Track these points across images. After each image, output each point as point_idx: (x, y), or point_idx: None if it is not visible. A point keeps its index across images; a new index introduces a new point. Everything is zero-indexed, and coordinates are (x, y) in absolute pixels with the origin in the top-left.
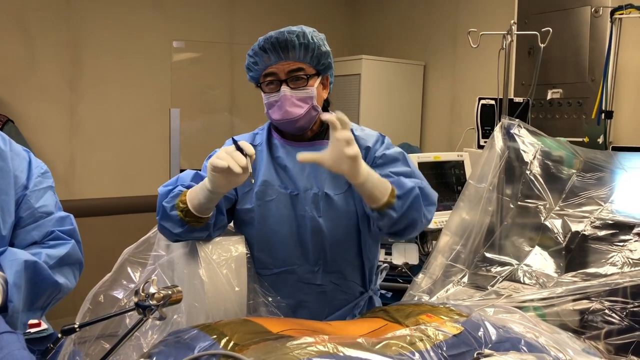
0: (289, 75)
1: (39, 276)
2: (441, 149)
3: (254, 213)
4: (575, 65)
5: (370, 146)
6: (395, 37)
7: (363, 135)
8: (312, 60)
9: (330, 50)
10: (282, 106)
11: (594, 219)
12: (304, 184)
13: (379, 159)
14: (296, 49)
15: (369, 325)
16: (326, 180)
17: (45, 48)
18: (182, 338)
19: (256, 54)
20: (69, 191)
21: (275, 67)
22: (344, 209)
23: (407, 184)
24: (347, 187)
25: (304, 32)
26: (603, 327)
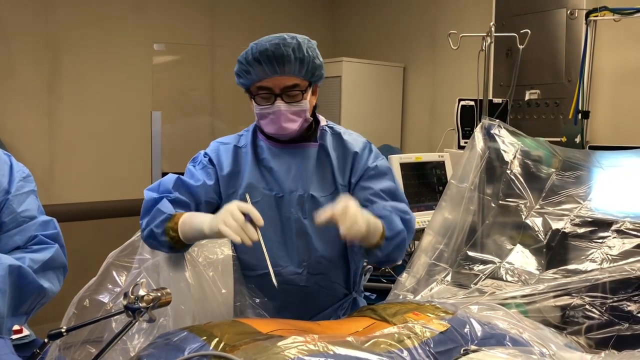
0: (284, 90)
1: (24, 281)
2: (421, 150)
3: None
4: (552, 67)
5: (358, 152)
6: (375, 40)
7: (351, 139)
8: (306, 74)
9: (322, 61)
10: (277, 121)
11: (574, 217)
12: (290, 186)
13: (372, 170)
14: (292, 63)
15: (357, 324)
16: (312, 182)
17: (22, 49)
18: (171, 340)
19: (249, 64)
20: (49, 195)
21: (270, 82)
22: None
23: (397, 225)
24: (333, 190)
25: (299, 45)
26: (584, 323)
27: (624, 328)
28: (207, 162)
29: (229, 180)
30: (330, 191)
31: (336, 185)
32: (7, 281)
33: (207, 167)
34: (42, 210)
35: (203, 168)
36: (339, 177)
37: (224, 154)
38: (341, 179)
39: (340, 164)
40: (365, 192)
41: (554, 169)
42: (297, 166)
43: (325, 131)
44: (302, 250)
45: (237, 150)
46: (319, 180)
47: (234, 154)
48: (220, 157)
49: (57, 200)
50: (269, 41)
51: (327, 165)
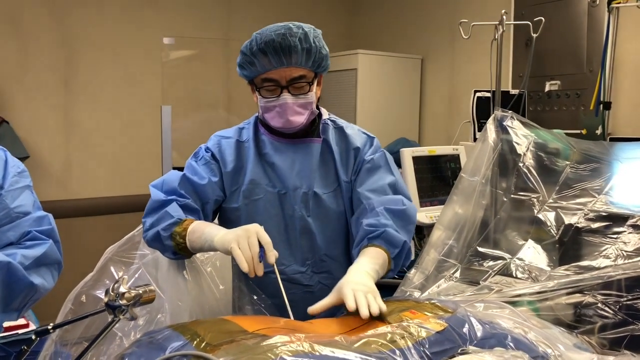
0: (290, 82)
1: (13, 277)
2: (440, 143)
3: (240, 212)
4: (573, 57)
5: (360, 147)
6: (392, 31)
7: (353, 134)
8: (313, 65)
9: (328, 51)
10: (284, 114)
11: (588, 211)
12: (293, 183)
13: (367, 163)
14: (299, 54)
15: (351, 322)
16: (315, 179)
17: (38, 48)
18: (155, 338)
19: (254, 55)
20: (66, 191)
21: (275, 73)
22: (333, 209)
23: (398, 239)
24: (335, 186)
25: (305, 34)
26: (596, 322)
27: (638, 328)
28: (209, 158)
29: (233, 176)
30: (333, 187)
31: (339, 181)
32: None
33: (210, 162)
34: (39, 206)
35: (206, 164)
36: (342, 173)
37: (227, 149)
38: (344, 175)
39: (343, 160)
40: (360, 187)
41: (570, 162)
42: (301, 162)
43: (327, 125)
44: (306, 248)
45: (239, 144)
46: (322, 176)
47: (237, 149)
48: (224, 153)
49: (74, 195)
50: (274, 31)
51: (329, 160)
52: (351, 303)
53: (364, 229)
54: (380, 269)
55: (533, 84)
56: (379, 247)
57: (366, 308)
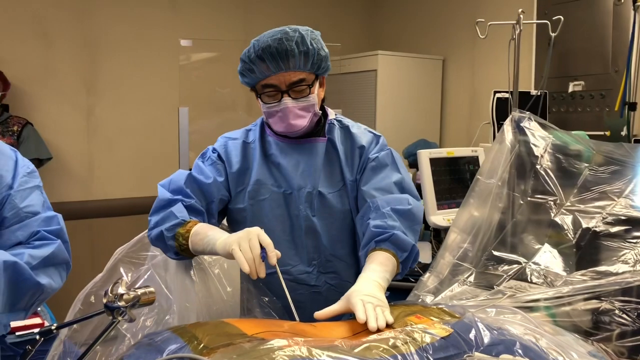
0: (290, 86)
1: (20, 277)
2: (461, 145)
3: (246, 212)
4: (598, 57)
5: (365, 146)
6: (412, 31)
7: (359, 133)
8: (312, 67)
9: (328, 52)
10: (285, 118)
11: (606, 215)
12: (298, 183)
13: (372, 161)
14: (296, 58)
15: (354, 326)
16: (320, 179)
17: (62, 50)
18: (154, 340)
19: (252, 62)
20: (88, 192)
21: (275, 79)
22: (338, 208)
23: (406, 242)
24: (341, 186)
25: (302, 37)
26: (614, 329)
27: None
28: (216, 158)
29: (239, 177)
30: (338, 187)
31: (344, 180)
32: (2, 277)
33: (216, 163)
34: (49, 206)
35: (212, 164)
36: (347, 172)
37: (233, 150)
38: (349, 174)
39: (348, 159)
40: (365, 186)
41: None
42: (305, 162)
43: (333, 125)
44: (312, 248)
45: (245, 146)
46: (327, 175)
47: (242, 150)
48: (229, 154)
49: (97, 196)
50: (270, 36)
51: (334, 160)
52: (361, 315)
53: (371, 230)
54: (390, 276)
55: (556, 84)
56: (387, 252)
57: (375, 321)
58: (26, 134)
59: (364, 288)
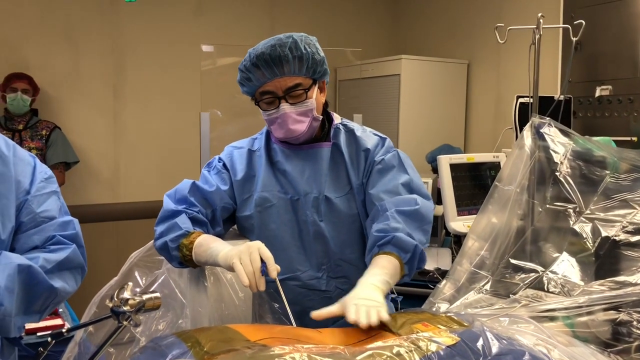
0: (286, 92)
1: (34, 280)
2: (486, 150)
3: (253, 220)
4: (626, 60)
5: (370, 149)
6: (436, 35)
7: (364, 136)
8: (307, 72)
9: (324, 56)
10: (284, 124)
11: (627, 224)
12: (304, 188)
13: (378, 164)
14: (290, 63)
15: (359, 334)
16: (326, 184)
17: (89, 56)
18: (158, 345)
19: (248, 70)
20: (115, 195)
21: (271, 85)
22: (346, 213)
23: (409, 243)
24: (348, 190)
25: (295, 43)
26: (632, 340)
27: None
28: (221, 167)
29: (244, 184)
30: (345, 191)
31: (351, 184)
32: (16, 280)
33: (221, 172)
34: (66, 211)
35: (217, 173)
36: (353, 176)
37: (238, 159)
38: (355, 177)
39: (354, 162)
40: (373, 189)
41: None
42: (311, 168)
43: (338, 129)
44: (321, 253)
45: (251, 154)
46: (333, 180)
47: (247, 158)
48: (234, 162)
49: (123, 199)
50: (264, 44)
51: (340, 164)
52: (351, 315)
53: (373, 235)
54: (391, 279)
55: (583, 89)
56: (390, 255)
57: (365, 318)
58: (54, 138)
59: (360, 292)
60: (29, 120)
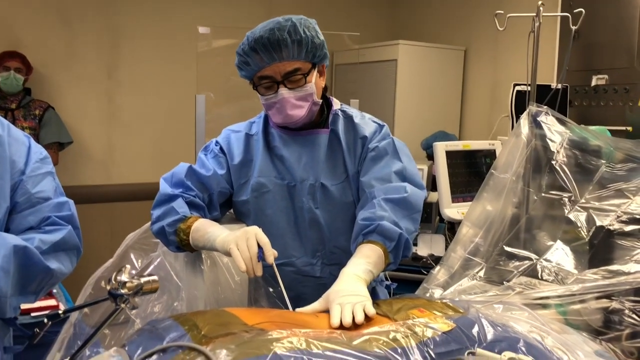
0: (285, 77)
1: (29, 261)
2: (481, 137)
3: (249, 205)
4: (623, 50)
5: (368, 136)
6: (434, 21)
7: (362, 123)
8: (307, 56)
9: (324, 40)
10: (283, 109)
11: (621, 213)
12: (301, 175)
13: (372, 151)
14: (289, 47)
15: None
16: (323, 171)
17: (84, 36)
18: (156, 328)
19: (247, 54)
20: (108, 176)
21: (270, 70)
22: (341, 200)
23: (393, 232)
24: (344, 178)
25: (294, 26)
26: (623, 329)
27: None
28: (218, 151)
29: (241, 169)
30: (341, 179)
31: (347, 172)
32: (12, 261)
33: (218, 156)
34: (62, 192)
35: (214, 157)
36: (350, 163)
37: (235, 143)
38: (352, 165)
39: (351, 150)
40: (365, 176)
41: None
42: (308, 154)
43: (337, 115)
44: (316, 240)
45: (248, 138)
46: (330, 167)
47: (245, 143)
48: (231, 146)
49: (116, 180)
50: (262, 28)
51: (338, 151)
52: (335, 320)
53: (359, 224)
54: (375, 268)
55: (579, 77)
56: (374, 244)
57: (350, 317)
58: (48, 118)
59: (343, 288)
60: (22, 100)
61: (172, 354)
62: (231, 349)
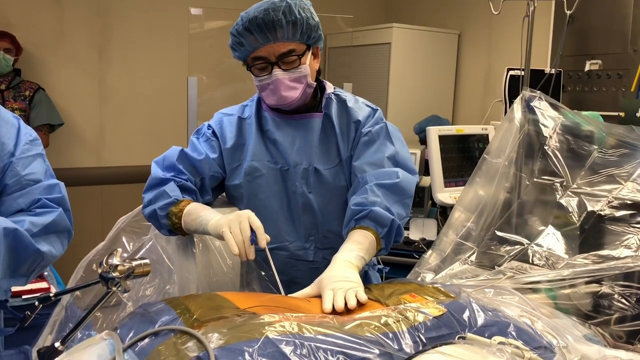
0: (280, 58)
1: (20, 244)
2: (474, 122)
3: (242, 189)
4: (617, 35)
5: (361, 120)
6: (428, 4)
7: (356, 107)
8: (301, 37)
9: (319, 21)
10: (277, 91)
11: (612, 199)
12: (294, 159)
13: (365, 135)
14: (284, 28)
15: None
16: (316, 155)
17: (74, 15)
18: (148, 311)
19: (241, 35)
20: (99, 158)
21: (264, 51)
22: (335, 185)
23: (386, 219)
24: (337, 162)
25: (289, 7)
26: (612, 313)
27: None
28: (210, 135)
29: (233, 153)
30: (334, 163)
31: (340, 157)
32: (2, 243)
33: (210, 139)
34: (52, 174)
35: (206, 141)
36: (343, 148)
37: (228, 126)
38: (345, 150)
39: (344, 134)
40: (357, 161)
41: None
42: (301, 138)
43: (330, 99)
44: (309, 224)
45: (241, 121)
46: (323, 152)
47: (238, 126)
48: (224, 130)
49: (107, 162)
50: (257, 8)
51: (331, 135)
52: (327, 305)
53: (351, 209)
54: (366, 254)
55: (573, 62)
56: (366, 229)
57: (342, 302)
58: (38, 99)
59: (335, 273)
60: (12, 80)
61: (164, 338)
62: (223, 333)
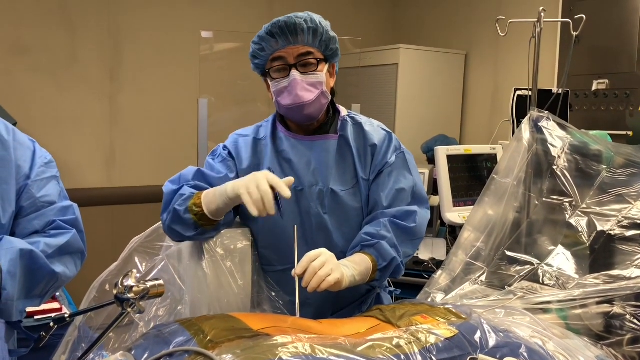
0: (298, 59)
1: (35, 265)
2: (482, 142)
3: None
4: (624, 55)
5: (377, 144)
6: (435, 25)
7: (372, 130)
8: (320, 45)
9: (337, 37)
10: (293, 90)
11: (622, 218)
12: (309, 180)
13: (388, 166)
14: (305, 32)
15: (360, 324)
16: (332, 176)
17: (86, 38)
18: (162, 332)
19: (262, 40)
20: (110, 179)
21: (283, 52)
22: (350, 206)
23: (388, 254)
24: (354, 183)
25: (311, 18)
26: (624, 333)
27: None
28: (226, 155)
29: (249, 173)
30: (351, 184)
31: (357, 178)
32: (18, 265)
33: (226, 160)
34: (66, 196)
35: (223, 161)
36: (360, 170)
37: (244, 147)
38: (362, 172)
39: (361, 157)
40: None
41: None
42: (317, 159)
43: (346, 122)
44: (322, 245)
45: (256, 142)
46: (340, 173)
47: (253, 147)
48: (240, 151)
49: (118, 183)
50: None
51: (348, 157)
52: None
53: (360, 236)
54: (360, 276)
55: (580, 82)
56: (367, 255)
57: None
58: None
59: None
60: None
61: (179, 359)
62: (237, 354)
